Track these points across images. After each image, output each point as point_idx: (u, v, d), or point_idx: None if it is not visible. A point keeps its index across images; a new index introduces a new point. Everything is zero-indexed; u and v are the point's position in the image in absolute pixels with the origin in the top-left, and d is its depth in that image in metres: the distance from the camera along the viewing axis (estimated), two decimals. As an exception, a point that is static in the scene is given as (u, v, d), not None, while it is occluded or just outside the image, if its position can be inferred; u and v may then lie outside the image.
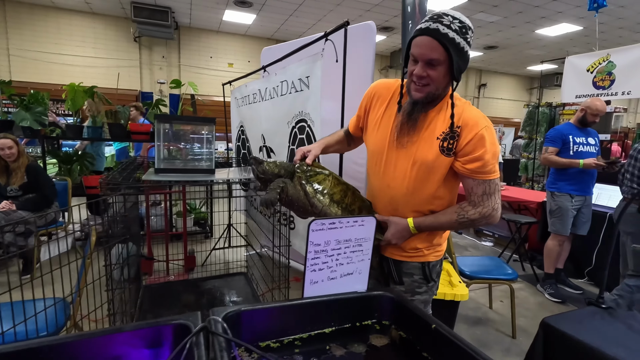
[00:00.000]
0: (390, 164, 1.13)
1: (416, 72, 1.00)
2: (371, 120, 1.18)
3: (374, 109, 1.19)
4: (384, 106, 1.16)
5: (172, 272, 3.03)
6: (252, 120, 2.74)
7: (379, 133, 1.15)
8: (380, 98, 1.17)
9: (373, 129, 1.17)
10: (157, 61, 10.24)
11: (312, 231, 0.96)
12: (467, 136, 1.04)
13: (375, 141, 1.16)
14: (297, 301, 0.98)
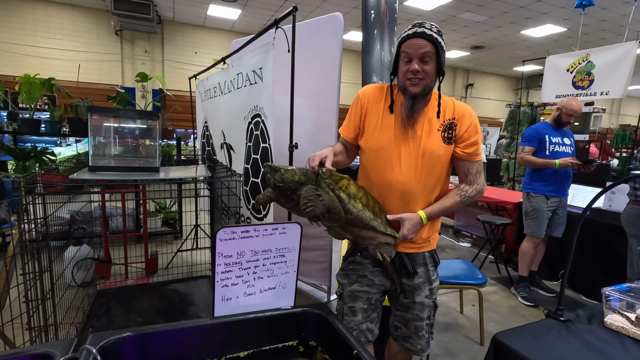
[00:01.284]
0: (398, 159, 1.19)
1: (412, 68, 1.12)
2: (370, 123, 1.23)
3: (371, 112, 1.24)
4: (381, 108, 1.23)
5: (133, 275, 2.87)
6: (214, 115, 2.60)
7: (383, 132, 1.21)
8: (374, 101, 1.24)
9: (374, 130, 1.22)
10: (139, 56, 9.97)
11: (220, 241, 0.83)
12: (464, 125, 1.22)
13: (379, 141, 1.20)
14: (203, 322, 0.85)
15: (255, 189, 1.92)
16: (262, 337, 0.91)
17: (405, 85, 1.16)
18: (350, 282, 1.29)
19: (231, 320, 0.87)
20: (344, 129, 1.30)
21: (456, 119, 1.22)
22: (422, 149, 1.18)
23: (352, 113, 1.28)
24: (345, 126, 1.30)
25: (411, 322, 1.30)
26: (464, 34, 9.59)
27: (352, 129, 1.28)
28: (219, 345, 0.86)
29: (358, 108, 1.26)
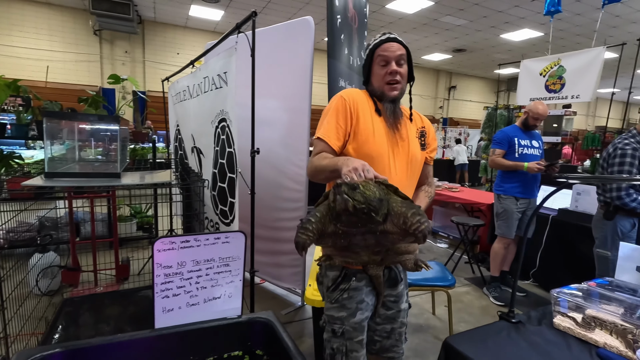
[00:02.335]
0: (393, 167, 1.17)
1: (392, 69, 1.13)
2: (363, 129, 1.15)
3: (363, 116, 1.16)
4: (369, 112, 1.18)
5: (102, 282, 2.80)
6: (184, 118, 2.57)
7: (377, 138, 1.15)
8: (363, 105, 1.17)
9: (369, 136, 1.15)
10: (119, 56, 9.79)
11: (158, 251, 0.82)
12: (431, 133, 1.30)
13: (376, 147, 1.14)
14: (142, 334, 0.84)
15: (222, 193, 1.91)
16: (205, 347, 0.90)
17: (383, 90, 1.16)
18: (351, 312, 1.12)
19: (171, 332, 0.85)
20: (331, 137, 1.13)
21: (425, 127, 1.28)
22: (410, 155, 1.19)
23: (339, 118, 1.14)
24: (332, 133, 1.13)
25: (395, 331, 1.24)
26: (446, 37, 9.75)
27: (341, 136, 1.14)
28: (159, 358, 0.84)
29: (347, 113, 1.14)
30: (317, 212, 0.89)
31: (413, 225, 0.83)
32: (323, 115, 1.18)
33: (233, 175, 1.73)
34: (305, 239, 0.86)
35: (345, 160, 0.97)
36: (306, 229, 0.87)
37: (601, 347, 1.07)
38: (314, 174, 1.11)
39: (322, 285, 1.22)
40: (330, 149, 1.13)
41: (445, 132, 8.51)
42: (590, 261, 2.53)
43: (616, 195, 2.05)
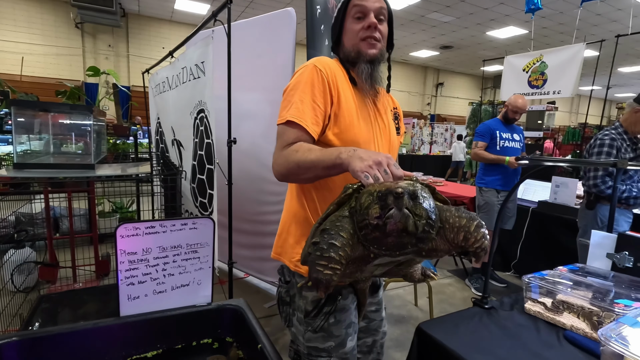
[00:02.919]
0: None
1: (370, 22, 0.91)
2: (347, 108, 0.91)
3: (344, 92, 0.91)
4: (348, 87, 0.94)
5: (82, 278, 2.75)
6: (164, 111, 2.52)
7: (363, 121, 0.93)
8: (339, 77, 0.92)
9: (353, 117, 0.91)
10: (102, 50, 9.57)
11: (121, 237, 0.80)
12: (401, 114, 1.12)
13: (362, 131, 0.92)
14: (104, 323, 0.82)
15: (201, 185, 1.88)
16: (173, 335, 0.88)
17: (359, 48, 0.92)
18: (340, 341, 0.92)
19: (137, 319, 0.84)
20: (308, 120, 0.85)
21: (397, 109, 1.10)
22: (390, 141, 1.01)
23: (315, 95, 0.87)
24: (308, 115, 0.85)
25: (377, 344, 1.11)
26: (433, 33, 9.81)
27: (319, 120, 0.87)
28: (123, 347, 0.83)
29: (325, 89, 0.88)
30: (341, 230, 0.62)
31: (477, 242, 0.63)
32: (290, 91, 0.89)
33: (212, 166, 1.71)
34: (330, 274, 0.59)
35: (352, 151, 0.71)
36: (330, 258, 0.59)
37: (568, 329, 1.09)
38: (293, 173, 0.82)
39: (294, 309, 0.97)
40: (309, 137, 0.85)
41: (432, 128, 8.60)
42: (570, 251, 2.59)
43: (593, 183, 2.10)
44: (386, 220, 0.58)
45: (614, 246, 1.51)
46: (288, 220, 1.00)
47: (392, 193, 0.58)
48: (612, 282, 1.26)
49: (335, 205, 0.69)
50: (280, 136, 0.88)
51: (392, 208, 0.58)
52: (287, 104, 0.89)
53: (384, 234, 0.59)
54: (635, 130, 2.09)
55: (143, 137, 6.27)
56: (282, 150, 0.85)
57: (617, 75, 11.98)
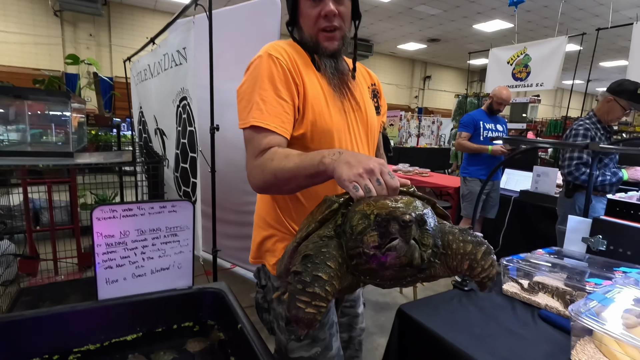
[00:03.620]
0: (354, 142, 0.88)
1: (326, 10, 0.79)
2: (314, 95, 0.82)
3: (308, 77, 0.82)
4: (312, 69, 0.85)
5: (63, 271, 2.70)
6: (146, 99, 2.48)
7: (334, 107, 0.84)
8: (301, 63, 0.83)
9: (322, 105, 0.83)
10: (83, 39, 9.28)
11: (98, 220, 0.79)
12: (381, 91, 1.02)
13: (334, 120, 0.83)
14: (82, 306, 0.81)
15: (185, 174, 1.86)
16: (153, 319, 0.88)
17: (317, 40, 0.84)
18: (326, 344, 0.87)
19: (116, 303, 0.83)
20: (277, 121, 0.76)
21: (376, 84, 1.00)
22: (369, 124, 0.92)
23: (278, 89, 0.77)
24: (276, 115, 0.76)
25: (354, 340, 1.09)
26: (420, 26, 9.84)
27: (290, 116, 0.78)
28: (102, 330, 0.82)
29: (287, 78, 0.78)
30: (328, 259, 0.51)
31: (484, 272, 0.55)
32: (247, 89, 0.79)
33: (195, 154, 1.69)
34: (314, 313, 0.49)
35: (337, 154, 0.61)
36: (314, 295, 0.49)
37: (543, 308, 1.13)
38: (272, 184, 0.71)
39: (274, 316, 0.89)
40: (282, 139, 0.76)
41: (420, 120, 8.68)
42: (550, 239, 2.67)
43: (567, 171, 2.16)
44: (386, 252, 0.47)
45: (589, 230, 1.56)
46: (260, 224, 0.93)
47: (396, 220, 0.46)
48: (586, 264, 1.31)
49: (317, 223, 0.59)
50: (248, 143, 0.77)
51: (394, 238, 0.47)
52: (246, 104, 0.78)
53: (382, 267, 0.48)
54: (608, 119, 2.15)
55: (127, 130, 6.15)
56: (255, 159, 0.75)
57: (598, 69, 12.26)
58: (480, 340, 0.98)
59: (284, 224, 0.87)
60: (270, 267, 0.89)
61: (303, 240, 0.59)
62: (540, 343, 0.97)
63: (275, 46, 0.83)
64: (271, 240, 0.89)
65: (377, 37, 11.04)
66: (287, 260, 0.62)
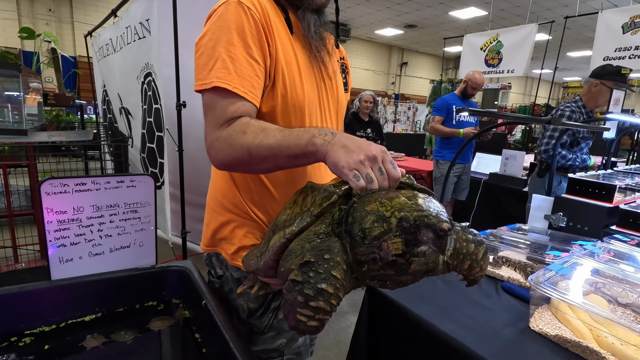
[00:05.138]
0: (324, 119, 0.79)
1: None
2: (286, 62, 0.70)
3: (281, 42, 0.70)
4: (284, 30, 0.72)
5: (24, 259, 2.56)
6: (110, 76, 2.34)
7: (307, 78, 0.74)
8: (274, 21, 0.70)
9: (296, 75, 0.72)
10: (41, 15, 8.64)
11: (47, 194, 0.73)
12: (349, 66, 0.92)
13: (307, 93, 0.73)
14: (31, 286, 0.76)
15: (151, 154, 1.78)
16: (114, 299, 0.84)
17: None
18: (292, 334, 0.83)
19: (68, 283, 0.79)
20: (248, 84, 0.64)
21: (344, 59, 0.90)
22: (339, 100, 0.83)
23: (249, 45, 0.65)
24: (246, 77, 0.64)
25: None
26: (398, 11, 9.80)
27: (261, 80, 0.67)
28: (55, 311, 0.78)
29: (260, 34, 0.66)
30: (333, 267, 0.46)
31: (482, 271, 0.55)
32: (208, 42, 0.65)
33: (161, 133, 1.62)
34: (317, 326, 0.46)
35: (330, 135, 0.55)
36: (318, 309, 0.45)
37: (505, 280, 1.17)
38: (243, 161, 0.62)
39: (232, 307, 0.82)
40: (252, 107, 0.65)
41: (396, 106, 8.75)
42: (517, 219, 2.78)
43: (544, 149, 2.23)
44: (412, 259, 0.42)
45: (551, 208, 1.63)
46: (215, 206, 0.83)
47: (431, 228, 0.42)
48: (547, 238, 1.37)
49: (313, 217, 0.52)
50: (209, 109, 0.64)
51: (422, 244, 0.42)
52: (207, 60, 0.64)
53: (402, 273, 0.44)
54: (592, 105, 2.23)
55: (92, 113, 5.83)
56: (218, 129, 0.63)
57: (566, 59, 12.71)
58: (445, 311, 1.00)
59: (244, 208, 0.77)
60: (228, 257, 0.80)
61: (295, 237, 0.52)
62: (501, 312, 1.01)
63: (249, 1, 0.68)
64: (228, 226, 0.80)
65: (355, 22, 10.93)
66: (271, 256, 0.55)
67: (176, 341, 0.79)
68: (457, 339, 0.87)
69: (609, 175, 1.77)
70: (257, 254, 0.62)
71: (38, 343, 0.72)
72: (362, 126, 3.34)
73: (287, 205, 0.62)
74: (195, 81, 0.66)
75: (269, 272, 0.58)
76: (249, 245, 0.79)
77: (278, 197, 0.77)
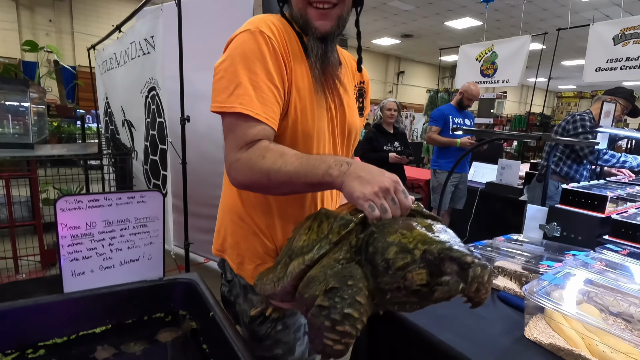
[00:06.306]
0: (333, 145, 0.81)
1: None
2: (299, 88, 0.73)
3: (297, 69, 0.72)
4: (300, 56, 0.74)
5: (25, 269, 2.57)
6: (113, 89, 2.38)
7: (318, 104, 0.75)
8: (292, 47, 0.73)
9: (308, 101, 0.74)
10: (42, 25, 8.73)
11: (62, 211, 0.77)
12: (369, 90, 0.91)
13: (316, 120, 0.75)
14: (45, 299, 0.79)
15: (154, 167, 1.82)
16: (123, 310, 0.87)
17: (307, 16, 0.72)
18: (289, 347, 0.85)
19: (81, 296, 0.82)
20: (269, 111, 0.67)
21: (364, 82, 0.90)
22: (348, 125, 0.84)
23: (270, 73, 0.68)
24: (268, 104, 0.67)
25: None
26: (394, 22, 9.97)
27: (281, 106, 0.70)
28: (68, 323, 0.80)
29: (280, 61, 0.69)
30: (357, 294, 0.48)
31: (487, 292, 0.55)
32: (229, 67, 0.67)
33: (164, 146, 1.66)
34: (342, 349, 0.48)
35: (346, 165, 0.56)
36: (344, 333, 0.47)
37: (502, 290, 1.21)
38: (262, 185, 0.64)
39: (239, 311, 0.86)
40: (271, 131, 0.67)
41: (393, 115, 8.88)
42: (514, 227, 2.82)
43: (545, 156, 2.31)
44: (436, 287, 0.45)
45: (546, 218, 1.68)
46: (224, 215, 0.89)
47: (456, 261, 0.44)
48: (542, 249, 1.41)
49: (332, 244, 0.54)
50: (230, 131, 0.67)
51: (446, 274, 0.44)
52: (228, 85, 0.66)
53: (423, 300, 0.47)
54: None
55: (92, 122, 5.87)
56: (238, 151, 0.65)
57: (560, 68, 12.92)
58: (443, 321, 1.03)
59: (249, 222, 0.83)
60: (235, 266, 0.85)
61: (314, 264, 0.54)
62: (497, 321, 1.04)
63: (267, 21, 0.71)
64: (234, 236, 0.85)
65: (351, 32, 11.05)
66: (289, 282, 0.56)
67: (184, 352, 0.82)
68: (455, 347, 0.90)
69: (602, 186, 1.82)
70: (273, 280, 0.62)
71: (51, 354, 0.75)
72: (389, 139, 2.98)
73: (302, 231, 0.63)
74: (213, 102, 0.69)
75: (286, 296, 0.60)
76: (251, 257, 0.84)
77: (280, 214, 0.80)
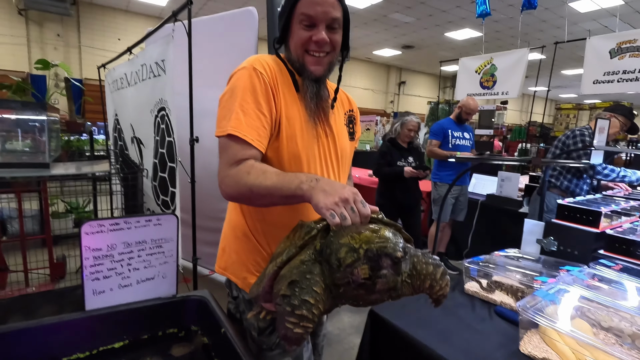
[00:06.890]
0: (324, 169, 0.91)
1: (318, 38, 0.81)
2: (290, 117, 0.85)
3: (285, 100, 0.85)
4: (290, 90, 0.87)
5: (35, 282, 2.63)
6: (123, 107, 2.47)
7: (307, 132, 0.86)
8: (282, 81, 0.85)
9: (296, 128, 0.85)
10: (50, 40, 8.94)
11: (86, 234, 0.83)
12: (358, 117, 1.05)
13: (305, 144, 0.86)
14: (69, 317, 0.85)
15: (163, 183, 1.89)
16: (139, 326, 0.93)
17: (304, 62, 0.85)
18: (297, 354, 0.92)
19: (102, 313, 0.87)
20: (255, 134, 0.79)
21: (353, 111, 1.04)
22: (339, 150, 0.95)
23: (259, 103, 0.80)
24: (254, 128, 0.79)
25: (318, 347, 1.14)
26: (395, 33, 10.13)
27: (267, 130, 0.81)
28: (89, 339, 0.86)
29: (269, 95, 0.81)
30: (314, 284, 0.57)
31: (441, 289, 0.66)
32: (228, 99, 0.81)
33: (173, 164, 1.73)
34: (301, 333, 0.55)
35: (314, 181, 0.66)
36: (302, 317, 0.55)
37: (499, 305, 1.25)
38: (246, 197, 0.76)
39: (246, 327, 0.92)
40: (257, 152, 0.79)
41: (395, 125, 8.95)
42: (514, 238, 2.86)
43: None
44: (376, 280, 0.54)
45: (542, 232, 1.72)
46: (228, 234, 0.98)
47: (389, 257, 0.54)
48: (540, 264, 1.45)
49: (298, 248, 0.64)
50: (224, 150, 0.79)
51: (383, 268, 0.54)
52: (226, 113, 0.80)
53: (369, 292, 0.56)
54: None
55: (98, 134, 5.98)
56: (229, 168, 0.77)
57: (561, 77, 13.02)
58: (442, 335, 1.08)
59: (251, 238, 0.92)
60: (239, 281, 0.93)
61: (284, 265, 0.64)
62: (494, 336, 1.09)
63: (260, 60, 0.85)
64: (238, 253, 0.94)
65: (354, 43, 11.25)
66: (267, 283, 0.66)
67: (196, 366, 0.87)
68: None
69: (597, 201, 1.87)
70: (257, 282, 0.73)
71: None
72: (402, 154, 2.91)
73: (283, 240, 0.74)
74: (217, 128, 0.82)
75: (267, 296, 0.69)
76: (254, 272, 0.92)
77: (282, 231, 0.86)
